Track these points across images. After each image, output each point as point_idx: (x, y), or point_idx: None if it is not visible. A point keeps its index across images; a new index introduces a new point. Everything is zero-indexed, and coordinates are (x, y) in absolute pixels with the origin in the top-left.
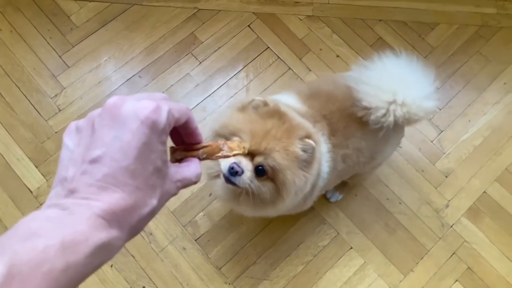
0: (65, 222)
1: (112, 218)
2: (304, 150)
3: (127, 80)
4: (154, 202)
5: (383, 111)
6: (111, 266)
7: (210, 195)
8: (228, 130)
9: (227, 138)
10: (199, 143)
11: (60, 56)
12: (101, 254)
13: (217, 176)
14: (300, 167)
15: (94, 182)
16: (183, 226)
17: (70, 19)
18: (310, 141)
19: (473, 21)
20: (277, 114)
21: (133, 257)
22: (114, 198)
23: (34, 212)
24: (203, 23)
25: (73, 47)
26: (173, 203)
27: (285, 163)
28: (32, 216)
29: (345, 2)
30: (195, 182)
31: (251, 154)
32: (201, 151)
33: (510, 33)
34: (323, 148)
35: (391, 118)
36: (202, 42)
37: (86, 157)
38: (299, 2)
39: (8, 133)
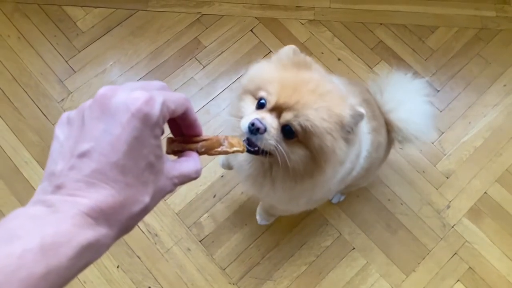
0: (49, 221)
1: (99, 215)
2: (352, 117)
3: None
4: (146, 199)
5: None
6: (117, 267)
7: (214, 196)
8: (254, 83)
9: (253, 94)
10: (198, 135)
11: (66, 61)
12: (87, 255)
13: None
14: (342, 136)
15: (82, 178)
16: (188, 228)
17: (76, 25)
18: (361, 109)
19: (473, 24)
20: (318, 69)
21: (139, 258)
22: (102, 195)
23: (17, 209)
24: (207, 28)
25: (79, 52)
26: (177, 204)
27: (324, 125)
28: (14, 214)
29: (346, 6)
30: (194, 178)
31: (277, 110)
32: (200, 144)
33: (510, 35)
34: (365, 127)
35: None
36: (206, 47)
37: (74, 151)
38: (301, 7)
39: (16, 136)
